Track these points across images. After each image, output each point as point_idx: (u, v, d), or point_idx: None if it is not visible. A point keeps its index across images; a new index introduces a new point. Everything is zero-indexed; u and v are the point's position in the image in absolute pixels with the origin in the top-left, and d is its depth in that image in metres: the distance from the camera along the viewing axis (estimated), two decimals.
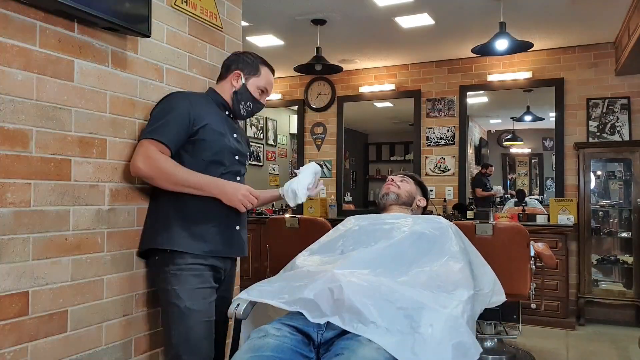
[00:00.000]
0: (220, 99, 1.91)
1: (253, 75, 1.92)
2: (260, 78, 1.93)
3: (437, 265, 1.70)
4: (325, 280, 1.50)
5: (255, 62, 1.93)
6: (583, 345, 3.66)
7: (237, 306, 1.64)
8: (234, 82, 1.90)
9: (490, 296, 1.87)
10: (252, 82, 1.91)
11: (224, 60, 1.98)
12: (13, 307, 1.45)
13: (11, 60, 1.45)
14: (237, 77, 1.90)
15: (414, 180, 2.22)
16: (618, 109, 4.44)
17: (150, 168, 1.67)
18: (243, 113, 1.95)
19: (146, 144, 1.68)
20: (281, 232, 3.28)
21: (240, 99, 1.91)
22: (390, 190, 2.14)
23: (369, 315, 1.39)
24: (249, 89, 1.91)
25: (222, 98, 1.91)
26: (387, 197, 2.13)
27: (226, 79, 1.92)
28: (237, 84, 1.90)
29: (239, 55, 1.97)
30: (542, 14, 3.84)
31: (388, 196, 2.14)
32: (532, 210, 4.69)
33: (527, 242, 2.76)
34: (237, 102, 1.91)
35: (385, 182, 2.20)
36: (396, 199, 2.12)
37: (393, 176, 2.21)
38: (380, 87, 5.31)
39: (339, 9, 3.77)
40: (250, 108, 1.94)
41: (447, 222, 1.93)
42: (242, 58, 1.94)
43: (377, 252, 1.74)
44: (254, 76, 1.92)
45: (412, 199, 2.15)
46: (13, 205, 1.45)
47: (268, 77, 1.96)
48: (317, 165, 2.06)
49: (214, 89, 1.94)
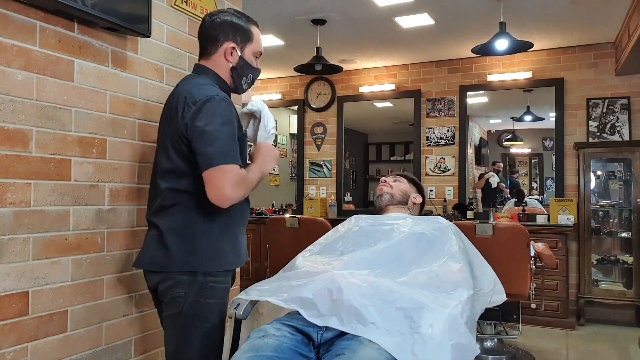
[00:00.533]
0: (221, 82, 1.64)
1: (247, 42, 1.64)
2: (254, 43, 1.66)
3: (437, 266, 1.70)
4: (325, 281, 1.50)
5: (246, 25, 1.65)
6: (583, 345, 3.66)
7: (237, 306, 1.64)
8: (229, 58, 1.62)
9: (491, 296, 1.88)
10: (248, 50, 1.64)
11: (204, 27, 1.63)
12: (13, 307, 1.45)
13: (11, 60, 1.45)
14: (231, 51, 1.62)
15: (407, 178, 2.22)
16: (618, 109, 4.44)
17: (243, 190, 1.51)
18: (245, 87, 1.71)
19: (230, 169, 1.46)
20: (281, 232, 3.28)
21: (241, 74, 1.66)
22: (384, 192, 2.15)
23: (368, 316, 1.38)
24: (247, 59, 1.65)
25: (223, 80, 1.64)
26: (382, 199, 2.14)
27: (217, 53, 1.62)
28: (234, 58, 1.62)
29: (223, 19, 1.62)
30: (542, 14, 3.84)
31: (382, 197, 2.14)
32: (532, 210, 4.69)
33: (527, 242, 2.76)
34: (238, 78, 1.66)
35: (379, 183, 2.21)
36: (391, 199, 2.13)
37: (385, 177, 2.22)
38: (380, 87, 5.31)
39: (339, 9, 3.77)
40: (251, 79, 1.70)
41: (447, 222, 1.93)
42: (229, 22, 1.62)
43: (377, 253, 1.74)
44: (248, 43, 1.64)
45: (407, 198, 2.15)
46: (13, 205, 1.45)
47: (259, 37, 1.68)
48: (257, 102, 1.75)
49: (210, 69, 1.63)
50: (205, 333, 1.56)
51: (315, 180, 5.62)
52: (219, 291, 1.58)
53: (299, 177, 5.70)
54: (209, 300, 1.55)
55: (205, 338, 1.56)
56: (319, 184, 5.61)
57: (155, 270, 1.57)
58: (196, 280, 1.52)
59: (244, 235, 1.69)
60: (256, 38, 1.67)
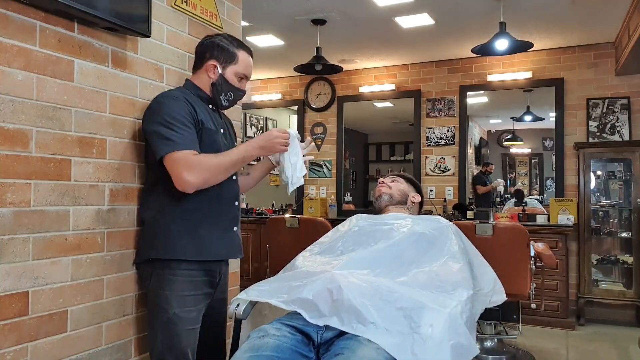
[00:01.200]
0: (201, 92, 1.79)
1: (230, 63, 1.77)
2: (237, 65, 1.78)
3: (437, 266, 1.70)
4: (325, 281, 1.50)
5: (230, 48, 1.77)
6: (583, 345, 3.66)
7: (237, 306, 1.64)
8: (210, 74, 1.77)
9: (491, 296, 1.88)
10: (230, 71, 1.77)
11: (197, 46, 1.81)
12: (13, 307, 1.45)
13: (11, 60, 1.45)
14: (212, 68, 1.76)
15: (405, 178, 2.23)
16: (618, 109, 4.44)
17: (201, 174, 1.59)
18: (225, 104, 1.83)
19: (180, 155, 1.58)
20: (281, 232, 3.28)
21: (220, 90, 1.78)
22: (383, 192, 2.16)
23: (368, 316, 1.39)
24: (227, 78, 1.78)
25: (202, 91, 1.79)
26: (381, 199, 2.15)
27: (201, 69, 1.78)
28: (214, 75, 1.77)
29: (212, 40, 1.79)
30: (542, 14, 3.84)
31: (381, 198, 2.15)
32: (532, 210, 4.69)
33: (527, 242, 2.76)
34: (217, 94, 1.79)
35: (377, 185, 2.22)
36: (390, 200, 2.14)
37: (383, 178, 2.22)
38: (380, 87, 5.31)
39: (339, 9, 3.77)
40: (232, 97, 1.82)
41: (447, 222, 1.94)
42: (216, 43, 1.77)
43: (377, 253, 1.74)
44: (231, 64, 1.77)
45: (406, 197, 2.16)
46: (13, 205, 1.45)
47: (246, 61, 1.80)
48: (293, 131, 1.84)
49: (192, 82, 1.81)
50: (164, 324, 1.66)
51: (315, 180, 5.62)
52: (178, 283, 1.67)
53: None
54: (166, 292, 1.67)
55: (165, 328, 1.66)
56: (319, 184, 5.61)
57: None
58: (154, 272, 1.70)
59: (215, 226, 1.75)
60: (241, 61, 1.80)
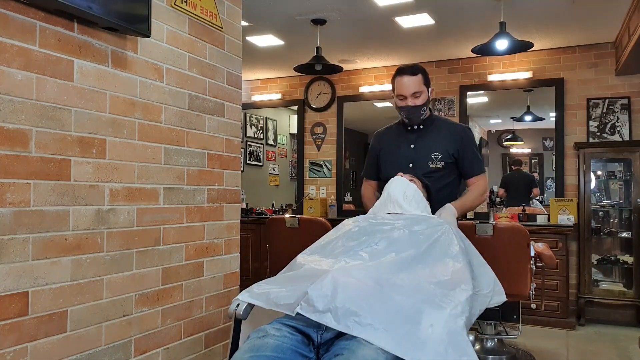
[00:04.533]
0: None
1: (393, 91, 2.38)
2: (394, 90, 2.36)
3: (437, 266, 1.70)
4: (324, 281, 1.50)
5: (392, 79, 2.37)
6: (583, 346, 3.66)
7: (237, 306, 1.64)
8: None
9: (491, 296, 1.87)
10: (395, 99, 2.36)
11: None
12: (13, 307, 1.45)
13: (11, 60, 1.45)
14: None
15: (421, 181, 2.23)
16: (618, 109, 4.44)
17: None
18: (406, 121, 2.41)
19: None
20: (281, 232, 3.27)
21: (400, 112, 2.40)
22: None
23: (367, 316, 1.38)
24: (395, 103, 2.39)
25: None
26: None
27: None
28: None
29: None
30: (542, 14, 3.84)
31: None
32: (532, 210, 4.69)
33: (527, 242, 2.75)
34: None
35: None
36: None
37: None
38: (380, 87, 5.30)
39: (339, 9, 3.77)
40: (405, 115, 2.37)
41: (448, 222, 1.93)
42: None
43: (377, 252, 1.74)
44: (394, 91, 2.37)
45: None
46: (13, 205, 1.45)
47: (397, 84, 2.32)
48: (400, 180, 2.16)
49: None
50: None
51: (315, 180, 5.62)
52: None
53: (299, 177, 5.70)
54: None
55: None
56: (319, 184, 5.61)
57: None
58: None
59: None
60: (396, 87, 2.34)
